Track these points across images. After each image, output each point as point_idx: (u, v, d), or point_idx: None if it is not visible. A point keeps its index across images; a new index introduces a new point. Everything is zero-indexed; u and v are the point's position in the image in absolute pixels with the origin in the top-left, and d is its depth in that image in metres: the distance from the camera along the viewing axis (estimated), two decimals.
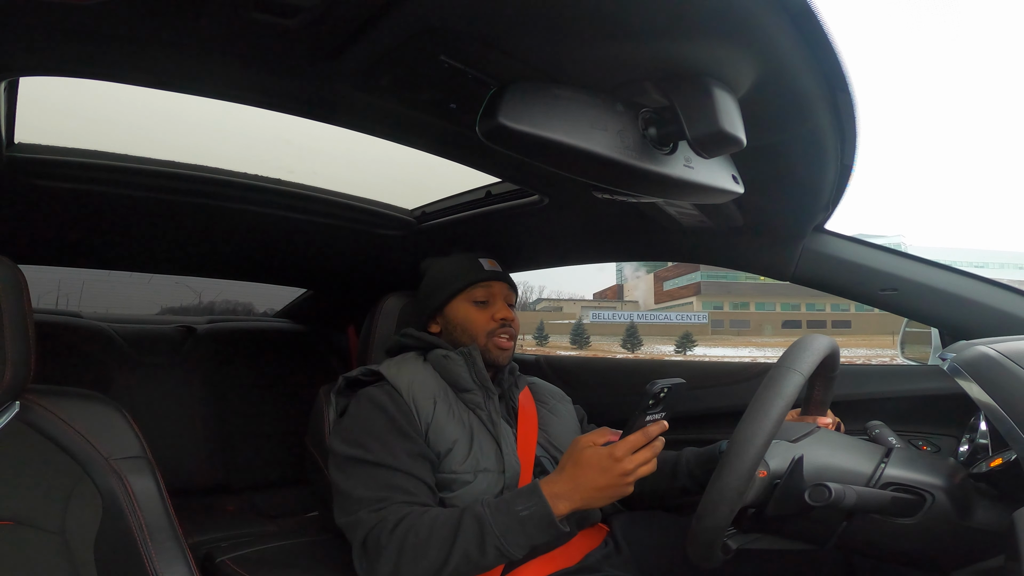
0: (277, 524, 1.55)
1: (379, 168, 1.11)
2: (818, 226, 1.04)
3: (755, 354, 8.78)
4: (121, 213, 1.20)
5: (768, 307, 51.00)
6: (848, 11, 31.72)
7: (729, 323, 48.40)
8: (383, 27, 0.54)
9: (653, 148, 0.62)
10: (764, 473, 0.73)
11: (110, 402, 0.78)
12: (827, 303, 51.24)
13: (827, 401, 0.89)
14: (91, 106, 0.84)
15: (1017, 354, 0.67)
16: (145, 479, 0.73)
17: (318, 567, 1.08)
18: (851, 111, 0.68)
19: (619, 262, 1.54)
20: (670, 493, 1.04)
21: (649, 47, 0.54)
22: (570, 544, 0.95)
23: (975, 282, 1.00)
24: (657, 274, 53.04)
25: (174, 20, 0.56)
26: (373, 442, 0.89)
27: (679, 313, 48.05)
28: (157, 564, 0.69)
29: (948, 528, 0.69)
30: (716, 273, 48.61)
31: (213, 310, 2.37)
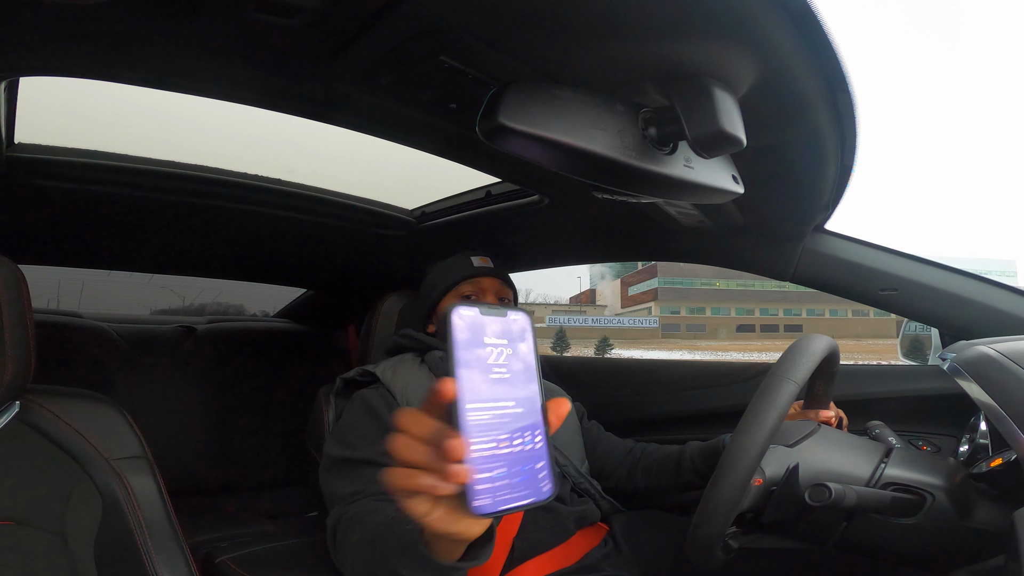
0: (277, 524, 1.55)
1: (379, 168, 1.11)
2: (818, 226, 1.04)
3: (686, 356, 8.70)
4: (121, 213, 1.20)
5: (723, 312, 51.82)
6: (848, 11, 31.12)
7: (685, 327, 49.15)
8: (383, 27, 0.54)
9: (653, 148, 0.61)
10: (760, 481, 0.73)
11: (110, 402, 0.78)
12: (779, 308, 52.29)
13: (829, 395, 0.89)
14: (91, 106, 0.84)
15: (1017, 354, 0.67)
16: (145, 479, 0.73)
17: (318, 567, 1.08)
18: (851, 111, 0.68)
19: (619, 262, 1.54)
20: (674, 488, 1.04)
21: (649, 47, 0.54)
22: (569, 543, 0.95)
23: (975, 282, 1.00)
24: (623, 279, 53.63)
25: (174, 20, 0.56)
26: (361, 441, 0.89)
27: (631, 318, 48.90)
28: (157, 564, 0.69)
29: (948, 528, 0.69)
30: (673, 279, 49.66)
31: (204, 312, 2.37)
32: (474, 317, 0.38)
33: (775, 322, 52.07)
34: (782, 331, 50.30)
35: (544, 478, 0.39)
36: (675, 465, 1.03)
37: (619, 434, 1.19)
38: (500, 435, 0.37)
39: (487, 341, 0.38)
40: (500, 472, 0.37)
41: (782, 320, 52.25)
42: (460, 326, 0.38)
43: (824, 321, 50.12)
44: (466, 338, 0.38)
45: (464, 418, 0.36)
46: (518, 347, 0.40)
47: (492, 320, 0.39)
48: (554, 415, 0.40)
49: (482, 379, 0.38)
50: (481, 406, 0.37)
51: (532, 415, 0.39)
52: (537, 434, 0.39)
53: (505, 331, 0.39)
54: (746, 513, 0.74)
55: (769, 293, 51.92)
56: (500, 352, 0.39)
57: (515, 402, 0.38)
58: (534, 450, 0.39)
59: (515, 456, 0.37)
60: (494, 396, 0.38)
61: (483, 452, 0.36)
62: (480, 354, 0.38)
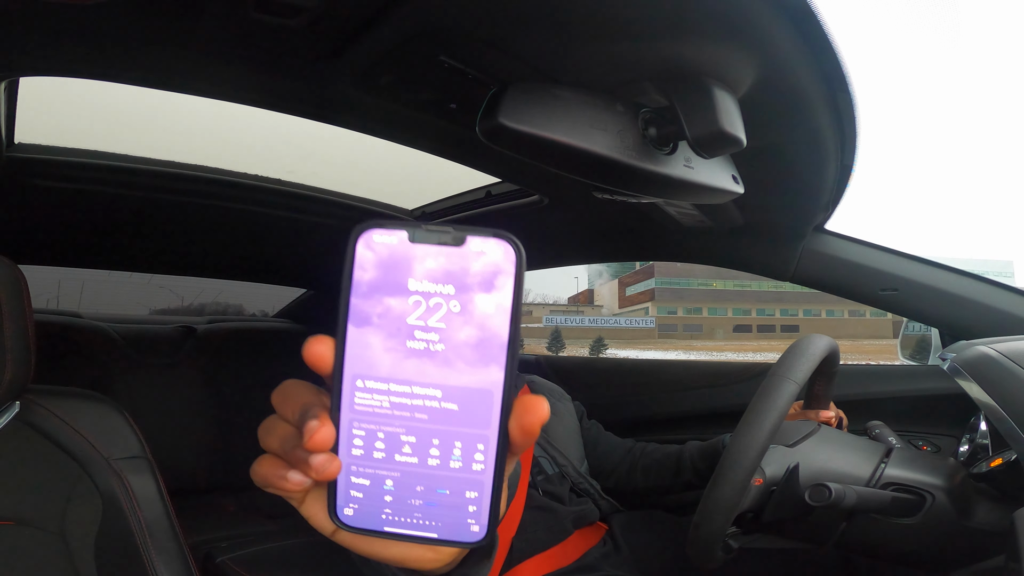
0: (277, 524, 1.55)
1: (379, 168, 1.11)
2: (818, 226, 1.04)
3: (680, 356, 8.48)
4: (121, 213, 1.20)
5: (720, 312, 51.98)
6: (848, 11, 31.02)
7: (682, 327, 49.30)
8: (383, 27, 0.54)
9: (653, 148, 0.62)
10: (760, 481, 0.73)
11: (110, 402, 0.78)
12: (776, 308, 52.51)
13: (829, 395, 0.89)
14: (91, 106, 0.84)
15: (1017, 354, 0.67)
16: (145, 479, 0.73)
17: (318, 567, 1.08)
18: (851, 111, 0.68)
19: (619, 262, 1.54)
20: (674, 488, 1.04)
21: (649, 47, 0.54)
22: (568, 543, 0.95)
23: (975, 282, 1.00)
24: (621, 279, 53.75)
25: (174, 20, 0.56)
26: None
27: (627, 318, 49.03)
28: (157, 564, 0.69)
29: (948, 528, 0.69)
30: (670, 279, 49.81)
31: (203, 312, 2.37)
32: (395, 246, 0.24)
33: (772, 322, 52.28)
34: (779, 331, 50.55)
35: (475, 515, 0.26)
36: (675, 465, 1.03)
37: (619, 434, 1.19)
38: (400, 435, 0.25)
39: (412, 286, 0.24)
40: (389, 485, 0.26)
41: (779, 320, 52.47)
42: (367, 260, 0.25)
43: (820, 321, 50.27)
44: (373, 278, 0.25)
45: (344, 398, 0.25)
46: (474, 302, 0.24)
47: (430, 252, 0.24)
48: (519, 427, 0.25)
49: (387, 345, 0.24)
50: (376, 385, 0.25)
51: (475, 420, 0.25)
52: (478, 450, 0.25)
53: (454, 272, 0.24)
54: (746, 513, 0.74)
55: (766, 293, 52.05)
56: (435, 305, 0.24)
57: (443, 392, 0.25)
58: (465, 473, 0.25)
59: (422, 472, 0.25)
60: (402, 375, 0.25)
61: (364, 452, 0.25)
62: (393, 305, 0.24)
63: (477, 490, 0.25)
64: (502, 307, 0.24)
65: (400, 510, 0.26)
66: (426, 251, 0.24)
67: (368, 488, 0.26)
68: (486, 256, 0.24)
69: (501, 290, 0.24)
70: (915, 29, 31.16)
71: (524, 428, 0.25)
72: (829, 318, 51.13)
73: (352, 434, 0.25)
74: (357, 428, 0.25)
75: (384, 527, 0.26)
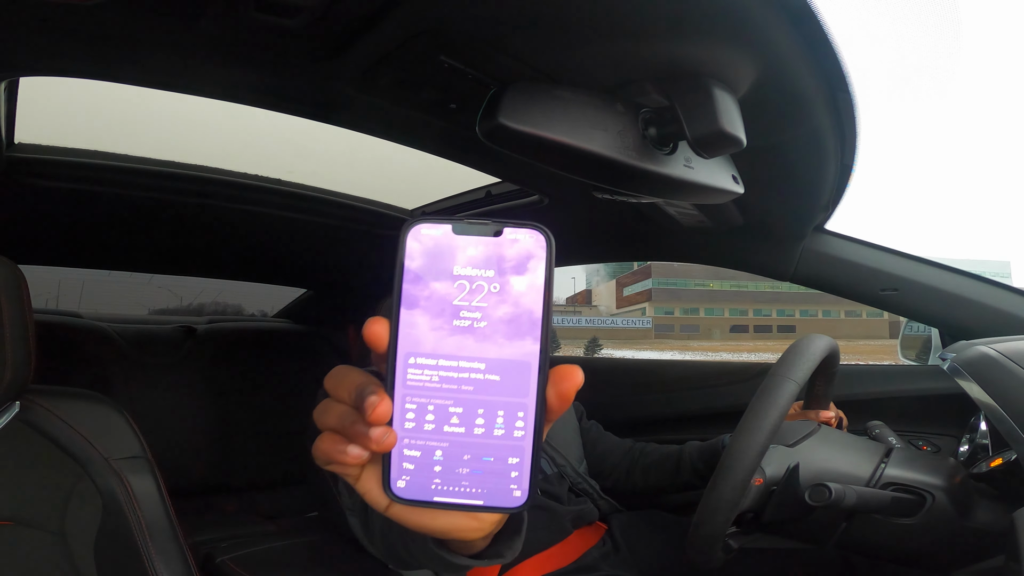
0: (277, 524, 1.55)
1: (379, 168, 1.11)
2: (818, 226, 1.04)
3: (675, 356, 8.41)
4: (121, 213, 1.20)
5: (717, 312, 52.05)
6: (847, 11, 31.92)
7: (679, 328, 49.39)
8: (383, 27, 0.54)
9: (653, 148, 0.62)
10: (760, 481, 0.73)
11: (110, 402, 0.78)
12: (773, 309, 52.60)
13: (829, 395, 0.89)
14: (91, 106, 0.84)
15: (1017, 354, 0.67)
16: (145, 479, 0.73)
17: (318, 567, 1.08)
18: (851, 111, 0.68)
19: (619, 262, 1.54)
20: (673, 488, 1.05)
21: (649, 47, 0.54)
22: (567, 542, 0.95)
23: (975, 282, 1.00)
24: (618, 280, 53.83)
25: (174, 20, 0.56)
26: None
27: (624, 319, 49.09)
28: (157, 564, 0.69)
29: (948, 528, 0.69)
30: (667, 280, 49.88)
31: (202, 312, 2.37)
32: (440, 238, 0.28)
33: (768, 323, 52.39)
34: (775, 332, 50.62)
35: (517, 481, 0.28)
36: (674, 465, 1.03)
37: (619, 434, 1.19)
38: (449, 406, 0.28)
39: (457, 271, 0.27)
40: (438, 455, 0.28)
41: (775, 321, 52.58)
42: (415, 251, 0.28)
43: (817, 322, 50.35)
44: (421, 266, 0.27)
45: (398, 375, 0.27)
46: (511, 284, 0.27)
47: (471, 242, 0.28)
48: (556, 393, 0.28)
49: (435, 324, 0.27)
50: (426, 362, 0.27)
51: (515, 389, 0.27)
52: (518, 418, 0.28)
53: (493, 258, 0.27)
54: (746, 513, 0.74)
55: (763, 294, 52.10)
56: (477, 288, 0.27)
57: (486, 365, 0.27)
58: (507, 440, 0.28)
59: (470, 441, 0.28)
60: (450, 351, 0.27)
61: (416, 424, 0.28)
62: (440, 289, 0.27)
63: (519, 455, 0.28)
64: (536, 287, 0.27)
65: (448, 479, 0.28)
66: (468, 241, 0.28)
67: (419, 459, 0.28)
68: (520, 243, 0.28)
69: (534, 272, 0.27)
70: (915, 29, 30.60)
71: (561, 394, 0.28)
72: (825, 319, 51.19)
73: (405, 408, 0.28)
74: (409, 402, 0.28)
75: (434, 497, 0.28)
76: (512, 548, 0.39)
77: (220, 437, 1.76)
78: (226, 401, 1.79)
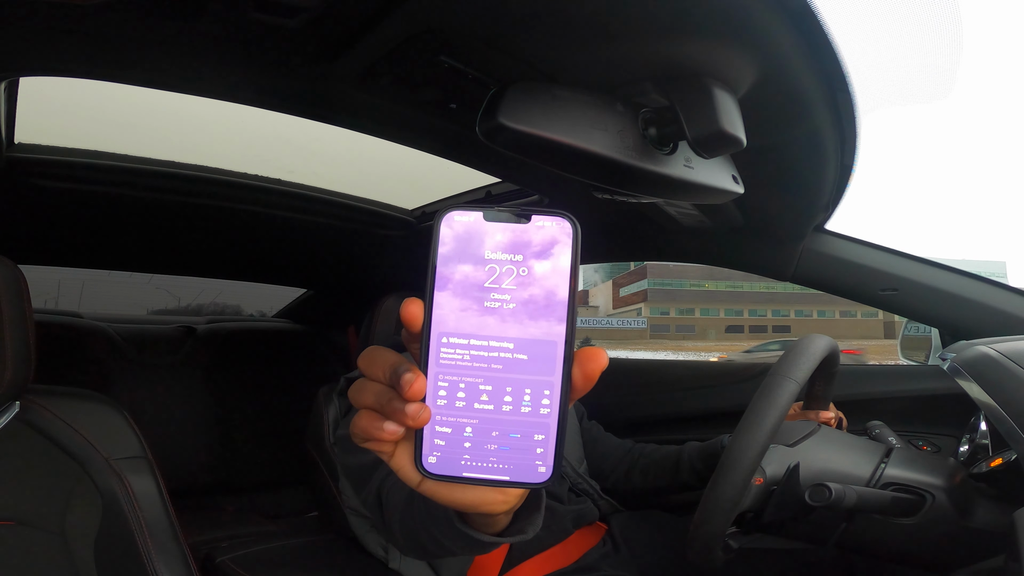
0: (277, 524, 1.55)
1: (379, 168, 1.11)
2: (818, 226, 1.04)
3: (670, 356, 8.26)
4: (121, 213, 1.20)
5: (712, 313, 52.11)
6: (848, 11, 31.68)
7: (675, 328, 49.47)
8: (383, 27, 0.54)
9: (653, 148, 0.61)
10: (760, 480, 0.73)
11: (110, 402, 0.78)
12: (768, 309, 52.66)
13: (829, 396, 0.89)
14: (91, 106, 0.84)
15: (1017, 354, 0.67)
16: (145, 479, 0.73)
17: (318, 567, 1.08)
18: (851, 111, 0.68)
19: (618, 262, 1.54)
20: (672, 488, 1.04)
21: (649, 47, 0.54)
22: (567, 542, 0.95)
23: (975, 282, 1.00)
24: (614, 280, 53.91)
25: (174, 20, 0.56)
26: None
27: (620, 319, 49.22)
28: (157, 564, 0.69)
29: (948, 528, 0.69)
30: (662, 280, 49.97)
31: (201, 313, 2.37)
32: (472, 224, 0.29)
33: (764, 323, 52.46)
34: (770, 332, 50.69)
35: (542, 457, 0.29)
36: (673, 465, 1.03)
37: (618, 434, 1.19)
38: (479, 384, 0.29)
39: (488, 256, 0.29)
40: (468, 432, 0.29)
41: (770, 321, 52.65)
42: (448, 236, 0.29)
43: (812, 322, 50.40)
44: (454, 250, 0.29)
45: (432, 353, 0.29)
46: (538, 267, 0.29)
47: (501, 229, 0.29)
48: (581, 373, 0.29)
49: (467, 305, 0.29)
50: (458, 341, 0.29)
51: (542, 367, 0.29)
52: (544, 396, 0.29)
53: (521, 243, 0.29)
54: (746, 512, 0.74)
55: (758, 295, 52.14)
56: (506, 271, 0.29)
57: (515, 344, 0.29)
58: (535, 416, 0.29)
59: (499, 418, 0.29)
60: (480, 330, 0.29)
61: (448, 401, 0.29)
62: (471, 272, 0.29)
63: (544, 432, 0.29)
64: (561, 271, 0.29)
65: (477, 455, 0.29)
66: (497, 228, 0.29)
67: (450, 436, 0.29)
68: (546, 230, 0.29)
69: (560, 257, 0.29)
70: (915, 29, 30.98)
71: (586, 374, 0.29)
72: (820, 319, 51.25)
73: (438, 386, 0.29)
74: (442, 380, 0.29)
75: (463, 472, 0.30)
76: (533, 524, 0.40)
77: (220, 437, 1.76)
78: (226, 401, 1.79)
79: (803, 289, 1.21)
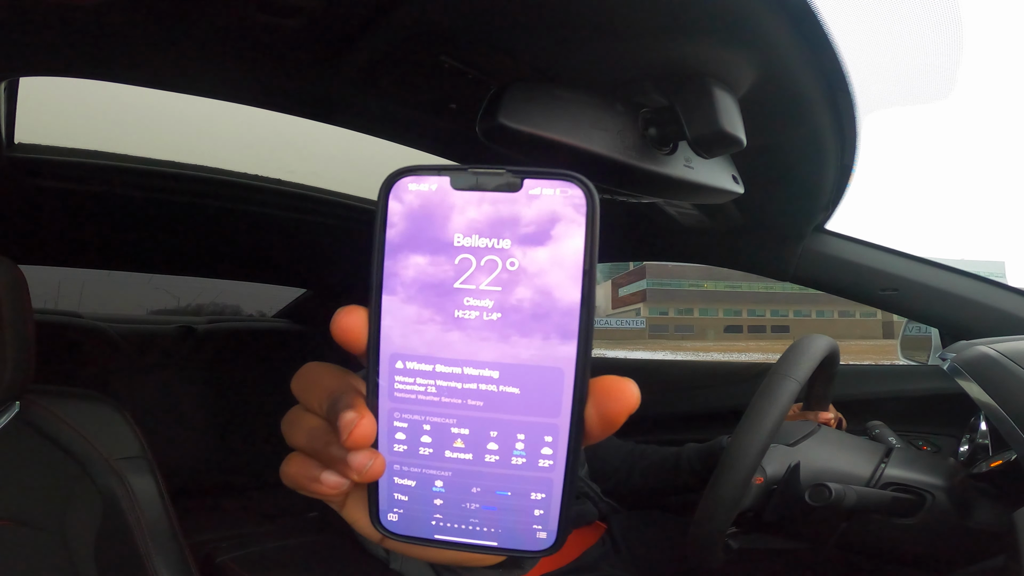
0: (277, 524, 1.55)
1: (379, 168, 1.11)
2: (818, 226, 1.04)
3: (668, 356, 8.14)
4: (121, 213, 1.20)
5: (711, 313, 52.05)
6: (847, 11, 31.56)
7: (674, 328, 49.42)
8: (383, 27, 0.54)
9: (653, 148, 0.61)
10: (761, 480, 0.73)
11: (110, 402, 0.78)
12: (767, 309, 52.62)
13: (828, 396, 0.89)
14: (91, 106, 0.84)
15: (1017, 354, 0.67)
16: (145, 479, 0.73)
17: (318, 567, 1.08)
18: (851, 111, 0.68)
19: (618, 262, 1.54)
20: (671, 489, 1.04)
21: (649, 47, 0.54)
22: (566, 542, 0.95)
23: (975, 282, 1.00)
24: (613, 281, 53.86)
25: (174, 20, 0.56)
26: None
27: (619, 319, 49.18)
28: (157, 564, 0.69)
29: (948, 528, 0.69)
30: (661, 280, 49.92)
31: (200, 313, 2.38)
32: (433, 195, 0.20)
33: (762, 323, 52.48)
34: (769, 332, 50.67)
35: (542, 520, 0.21)
36: (672, 466, 1.03)
37: (619, 434, 1.19)
38: (455, 429, 0.21)
39: (459, 242, 0.20)
40: (438, 486, 0.21)
41: (769, 321, 52.68)
42: (398, 213, 0.20)
43: (811, 322, 50.44)
44: (407, 233, 0.20)
45: (382, 382, 0.21)
46: (536, 258, 0.19)
47: (477, 200, 0.20)
48: (599, 415, 0.20)
49: (428, 316, 0.20)
50: (418, 367, 0.20)
51: (541, 405, 0.20)
52: (545, 444, 0.20)
53: (510, 222, 0.19)
54: (747, 512, 0.74)
55: (756, 295, 52.16)
56: (486, 265, 0.19)
57: (501, 372, 0.20)
58: (530, 471, 0.21)
59: (478, 470, 0.21)
60: (450, 352, 0.20)
61: (408, 447, 0.21)
62: (434, 267, 0.20)
63: (544, 491, 0.21)
64: (570, 264, 0.19)
65: (453, 515, 0.21)
66: (473, 198, 0.19)
67: (414, 490, 0.22)
68: (547, 201, 0.19)
69: (569, 243, 0.19)
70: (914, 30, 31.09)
71: (606, 417, 0.20)
72: (819, 319, 51.23)
73: (393, 427, 0.21)
74: (399, 420, 0.21)
75: (435, 535, 0.22)
76: (524, 565, 0.35)
77: (220, 437, 1.76)
78: (226, 401, 1.79)
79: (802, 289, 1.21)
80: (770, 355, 2.37)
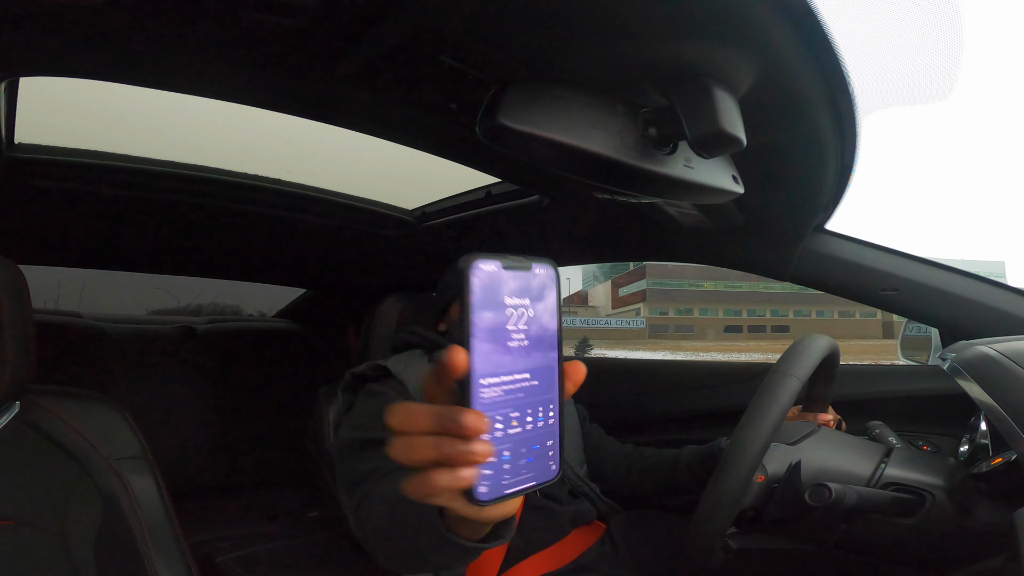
0: (277, 524, 1.55)
1: (379, 168, 1.11)
2: (818, 226, 1.04)
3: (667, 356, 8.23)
4: (121, 213, 1.20)
5: (711, 313, 52.10)
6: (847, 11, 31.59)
7: (673, 328, 49.49)
8: (383, 27, 0.54)
9: (653, 148, 0.61)
10: (762, 478, 0.73)
11: (110, 402, 0.78)
12: (767, 309, 52.63)
13: (828, 398, 0.89)
14: (91, 106, 0.84)
15: (1017, 354, 0.67)
16: (145, 479, 0.73)
17: (318, 567, 1.08)
18: (851, 111, 0.68)
19: (618, 262, 1.54)
20: (670, 490, 1.04)
21: (649, 47, 0.54)
22: (566, 542, 0.95)
23: (975, 282, 1.00)
24: (614, 281, 53.92)
25: (174, 20, 0.56)
26: (377, 423, 0.88)
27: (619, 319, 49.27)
28: (157, 564, 0.69)
29: (948, 528, 0.69)
30: (661, 280, 50.00)
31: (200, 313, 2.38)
32: (494, 273, 0.32)
33: (762, 323, 52.47)
34: (769, 332, 50.67)
35: (552, 457, 0.35)
36: (671, 468, 1.03)
37: (619, 434, 1.19)
38: (512, 414, 0.33)
39: (507, 302, 0.33)
40: (506, 455, 0.33)
41: (769, 321, 52.67)
42: (478, 285, 0.32)
43: (811, 322, 50.43)
44: (483, 299, 0.32)
45: (476, 396, 0.32)
46: (539, 307, 0.34)
47: (514, 276, 0.33)
48: (570, 383, 0.36)
49: (498, 348, 0.32)
50: (495, 380, 0.32)
51: (548, 388, 0.35)
52: (551, 409, 0.35)
53: (526, 288, 0.33)
54: (747, 511, 0.74)
55: (756, 294, 52.13)
56: (520, 314, 0.33)
57: (530, 374, 0.34)
58: (546, 427, 0.35)
59: (526, 436, 0.34)
60: (510, 368, 0.33)
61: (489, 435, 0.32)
62: (497, 318, 0.32)
63: (552, 438, 0.35)
64: (552, 308, 0.35)
65: (513, 473, 0.33)
66: (512, 276, 0.33)
67: (492, 464, 0.32)
68: (540, 275, 0.35)
69: (550, 297, 0.35)
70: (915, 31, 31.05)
71: (575, 384, 0.36)
72: (819, 319, 51.22)
73: None
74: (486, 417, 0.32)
75: (505, 491, 0.33)
76: (509, 528, 0.45)
77: (220, 437, 1.76)
78: (226, 401, 1.79)
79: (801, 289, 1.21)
80: (770, 355, 2.40)
